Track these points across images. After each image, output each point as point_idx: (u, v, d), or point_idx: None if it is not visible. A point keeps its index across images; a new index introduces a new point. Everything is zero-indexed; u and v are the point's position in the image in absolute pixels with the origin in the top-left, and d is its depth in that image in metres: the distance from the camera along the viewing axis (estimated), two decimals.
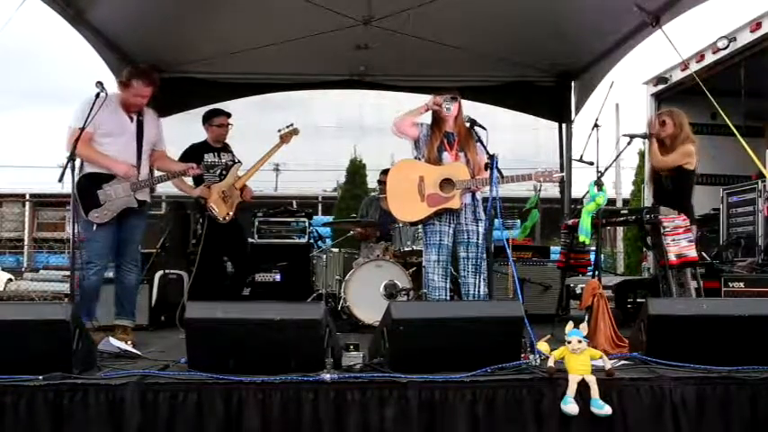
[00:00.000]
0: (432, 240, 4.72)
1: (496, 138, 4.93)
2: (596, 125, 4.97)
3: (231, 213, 5.80)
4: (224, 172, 5.93)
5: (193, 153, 6.05)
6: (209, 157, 6.12)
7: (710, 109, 6.01)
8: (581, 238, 4.68)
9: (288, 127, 5.96)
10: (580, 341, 3.31)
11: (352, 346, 3.61)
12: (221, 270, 6.29)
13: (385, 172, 7.58)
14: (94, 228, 4.59)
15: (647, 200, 6.18)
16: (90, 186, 4.59)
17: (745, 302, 3.90)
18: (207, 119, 6.23)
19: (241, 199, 5.93)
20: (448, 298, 4.77)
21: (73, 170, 4.30)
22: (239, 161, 6.14)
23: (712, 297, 5.07)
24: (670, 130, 5.39)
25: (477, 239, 4.71)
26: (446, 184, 4.67)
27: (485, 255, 4.63)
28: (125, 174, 4.66)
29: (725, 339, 3.51)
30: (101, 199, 4.60)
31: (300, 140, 6.33)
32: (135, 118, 4.76)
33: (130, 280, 4.84)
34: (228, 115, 6.24)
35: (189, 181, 5.89)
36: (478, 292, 4.60)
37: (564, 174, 4.73)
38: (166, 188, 6.49)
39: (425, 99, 4.84)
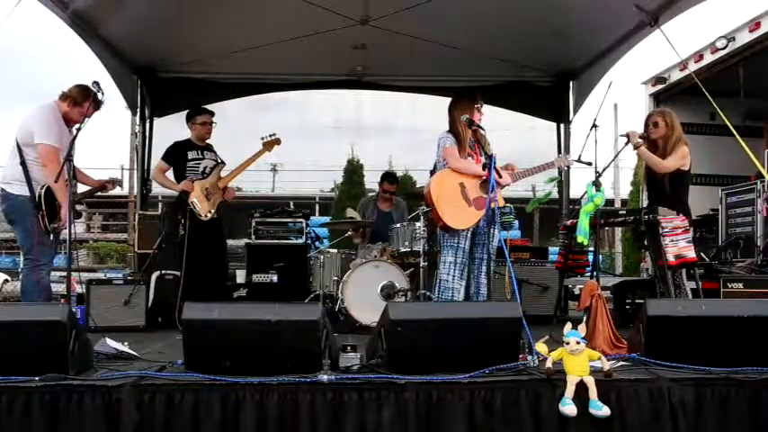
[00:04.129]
0: (450, 242, 4.73)
1: (494, 138, 4.94)
2: (595, 125, 4.95)
3: (213, 211, 5.96)
4: (207, 170, 6.10)
5: (177, 150, 6.19)
6: (192, 155, 6.17)
7: (709, 109, 6.04)
8: (579, 239, 4.66)
9: (270, 136, 6.30)
10: (578, 342, 3.31)
11: (349, 347, 3.58)
12: (209, 268, 6.18)
13: (385, 176, 7.57)
14: (51, 236, 5.00)
15: (645, 201, 6.17)
16: (52, 200, 4.95)
17: (744, 303, 3.89)
18: (190, 117, 6.29)
19: (222, 199, 6.13)
20: (460, 299, 4.75)
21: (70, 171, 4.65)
22: (223, 162, 6.29)
23: (711, 298, 5.06)
24: (662, 132, 5.36)
25: (493, 241, 4.71)
26: (484, 185, 4.68)
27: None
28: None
29: (724, 340, 3.50)
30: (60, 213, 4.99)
31: (298, 140, 6.38)
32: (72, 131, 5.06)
33: None
34: (211, 114, 6.31)
35: (170, 176, 6.15)
36: (483, 291, 4.67)
37: (575, 159, 4.90)
38: (163, 188, 6.49)
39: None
